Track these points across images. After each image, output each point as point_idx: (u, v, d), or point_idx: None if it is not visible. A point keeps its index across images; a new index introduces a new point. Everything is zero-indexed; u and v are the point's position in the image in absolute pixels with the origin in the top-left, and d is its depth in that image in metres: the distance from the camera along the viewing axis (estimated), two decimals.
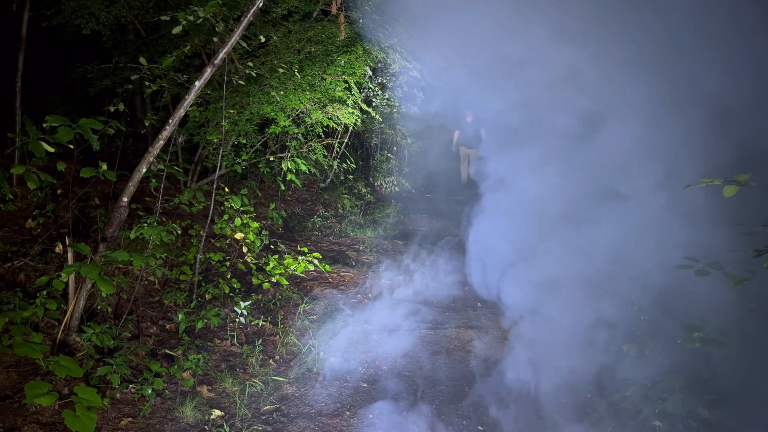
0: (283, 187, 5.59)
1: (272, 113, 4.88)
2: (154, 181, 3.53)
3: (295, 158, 5.05)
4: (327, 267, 4.29)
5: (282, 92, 4.68)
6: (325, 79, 4.95)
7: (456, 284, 5.03)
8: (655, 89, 3.54)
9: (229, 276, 4.02)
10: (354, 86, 5.21)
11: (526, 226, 4.18)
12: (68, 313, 2.96)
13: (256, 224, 4.14)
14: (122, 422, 2.64)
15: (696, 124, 3.33)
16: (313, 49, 5.05)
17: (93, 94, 6.40)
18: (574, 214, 3.86)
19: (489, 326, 4.16)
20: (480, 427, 2.95)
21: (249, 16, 3.05)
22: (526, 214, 4.16)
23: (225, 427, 2.70)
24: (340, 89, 5.01)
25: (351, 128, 7.28)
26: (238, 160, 4.98)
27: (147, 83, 4.54)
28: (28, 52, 4.41)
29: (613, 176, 3.78)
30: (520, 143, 4.48)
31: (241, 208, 4.04)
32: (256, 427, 2.76)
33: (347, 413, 2.97)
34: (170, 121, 3.05)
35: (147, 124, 4.71)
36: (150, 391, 2.79)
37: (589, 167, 3.84)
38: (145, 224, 3.39)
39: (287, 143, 5.48)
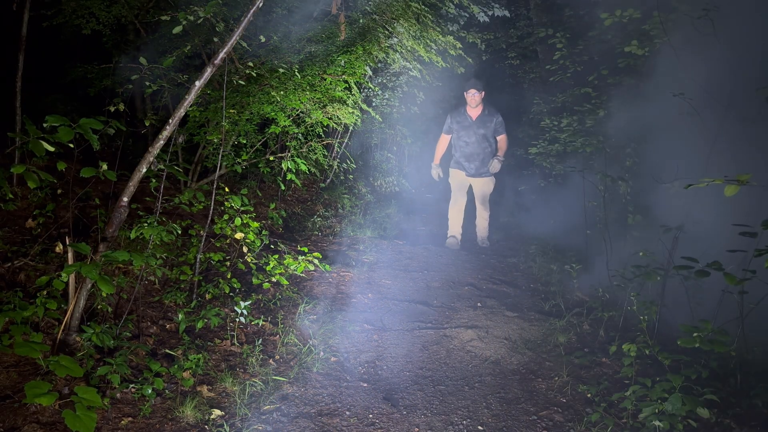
0: (283, 187, 5.59)
1: (272, 113, 4.88)
2: (154, 180, 3.53)
3: (295, 158, 5.06)
4: (327, 267, 4.30)
5: (282, 92, 4.69)
6: (325, 79, 4.95)
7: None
8: None
9: (229, 276, 4.02)
10: (354, 86, 5.21)
11: None
12: (68, 312, 2.96)
13: (256, 224, 4.14)
14: (122, 422, 2.64)
15: None
16: (313, 49, 5.06)
17: (93, 94, 6.40)
18: None
19: (489, 326, 4.16)
20: (480, 427, 2.95)
21: (249, 15, 3.05)
22: None
23: (225, 426, 2.70)
24: (340, 89, 5.01)
25: (351, 128, 7.28)
26: (238, 160, 4.99)
27: (147, 83, 4.54)
28: (28, 52, 4.41)
29: None
30: None
31: (241, 208, 4.04)
32: (256, 426, 2.76)
33: (347, 413, 2.97)
34: (170, 120, 3.05)
35: (147, 124, 4.71)
36: (150, 391, 2.79)
37: None
38: (145, 224, 3.39)
39: (287, 143, 5.48)
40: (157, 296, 3.86)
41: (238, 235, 4.02)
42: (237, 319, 3.60)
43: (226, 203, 4.04)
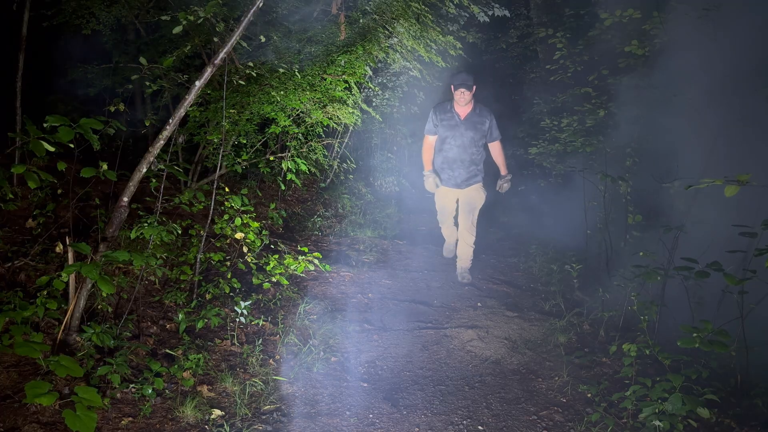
0: (283, 187, 5.59)
1: (272, 113, 4.88)
2: (154, 180, 3.53)
3: (296, 158, 5.05)
4: (327, 267, 4.30)
5: (282, 92, 4.68)
6: (325, 79, 4.95)
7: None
8: None
9: (229, 276, 4.02)
10: (354, 86, 5.21)
11: None
12: (68, 312, 2.96)
13: (256, 224, 4.14)
14: (122, 422, 2.64)
15: None
16: (313, 49, 5.06)
17: (93, 94, 6.40)
18: None
19: (489, 326, 4.15)
20: (480, 427, 2.95)
21: (249, 15, 3.04)
22: None
23: (225, 426, 2.70)
24: (340, 89, 5.01)
25: (351, 128, 7.28)
26: (238, 160, 4.98)
27: (147, 83, 4.54)
28: (28, 52, 4.41)
29: None
30: None
31: (242, 208, 4.04)
32: (256, 426, 2.76)
33: (347, 413, 2.97)
34: (170, 120, 3.05)
35: (147, 124, 4.70)
36: (150, 391, 2.79)
37: None
38: (146, 224, 3.39)
39: (287, 143, 5.48)
40: (158, 296, 3.86)
41: (238, 235, 4.02)
42: (237, 319, 3.60)
43: (226, 203, 4.04)
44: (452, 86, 4.78)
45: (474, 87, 4.74)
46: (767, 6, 4.07)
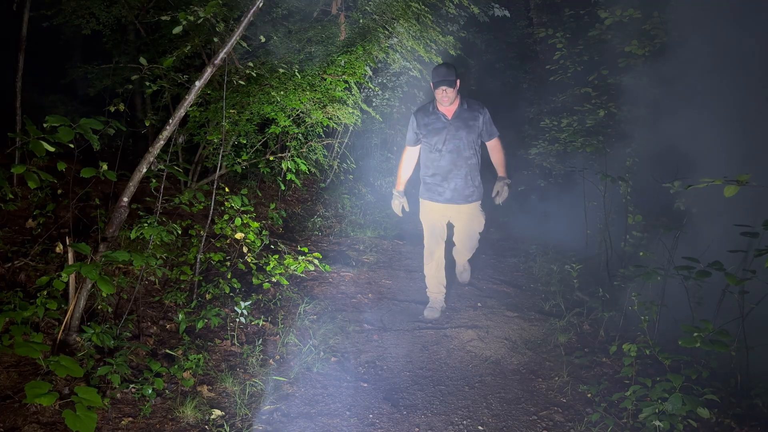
0: (283, 187, 5.59)
1: (272, 113, 4.89)
2: (154, 181, 3.53)
3: (296, 158, 5.06)
4: (327, 267, 4.29)
5: (282, 92, 4.69)
6: (325, 79, 4.95)
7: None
8: None
9: (229, 276, 4.02)
10: (354, 86, 5.21)
11: None
12: (68, 313, 2.96)
13: (256, 224, 4.14)
14: (122, 422, 2.64)
15: None
16: (313, 49, 5.06)
17: (93, 94, 6.41)
18: None
19: (489, 326, 4.15)
20: (480, 427, 2.95)
21: (249, 15, 3.04)
22: None
23: (225, 426, 2.70)
24: (340, 89, 5.02)
25: (351, 128, 7.28)
26: (238, 160, 4.99)
27: (147, 83, 4.54)
28: (28, 52, 4.41)
29: None
30: None
31: (242, 208, 4.04)
32: (256, 426, 2.76)
33: (347, 413, 2.97)
34: (170, 121, 3.05)
35: (147, 124, 4.71)
36: (150, 391, 2.79)
37: None
38: (146, 224, 3.39)
39: (287, 143, 5.48)
40: (158, 296, 3.86)
41: (238, 235, 4.02)
42: (237, 319, 3.60)
43: (226, 203, 4.04)
44: (432, 84, 3.93)
45: (457, 82, 3.89)
46: (767, 6, 4.08)
